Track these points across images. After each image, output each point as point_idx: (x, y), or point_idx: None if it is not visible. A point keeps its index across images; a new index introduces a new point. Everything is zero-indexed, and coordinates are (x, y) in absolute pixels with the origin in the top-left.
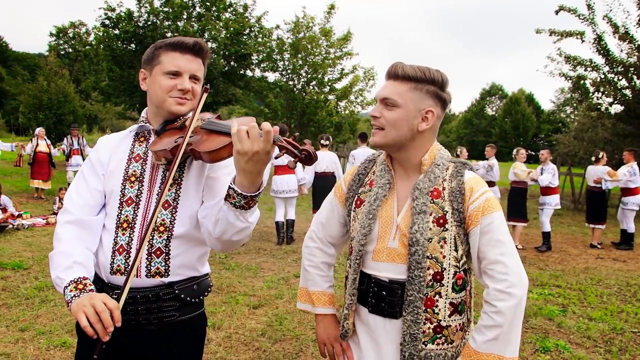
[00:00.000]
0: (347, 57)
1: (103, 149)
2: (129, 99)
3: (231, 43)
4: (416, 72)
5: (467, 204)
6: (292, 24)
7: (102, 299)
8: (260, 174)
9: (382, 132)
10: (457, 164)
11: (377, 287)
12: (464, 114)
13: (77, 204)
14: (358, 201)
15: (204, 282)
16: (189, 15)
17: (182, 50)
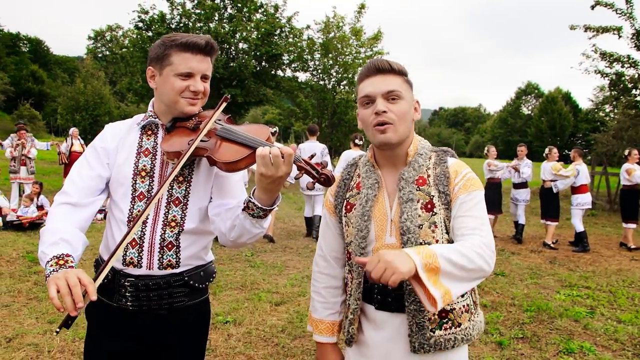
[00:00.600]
0: (377, 57)
1: (110, 138)
2: None
3: (262, 44)
4: (401, 66)
5: (453, 185)
6: (322, 24)
7: (77, 273)
8: (278, 190)
9: (392, 127)
10: (439, 152)
11: (382, 283)
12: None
13: (77, 187)
14: (348, 206)
15: (209, 268)
16: (220, 17)
17: (194, 51)
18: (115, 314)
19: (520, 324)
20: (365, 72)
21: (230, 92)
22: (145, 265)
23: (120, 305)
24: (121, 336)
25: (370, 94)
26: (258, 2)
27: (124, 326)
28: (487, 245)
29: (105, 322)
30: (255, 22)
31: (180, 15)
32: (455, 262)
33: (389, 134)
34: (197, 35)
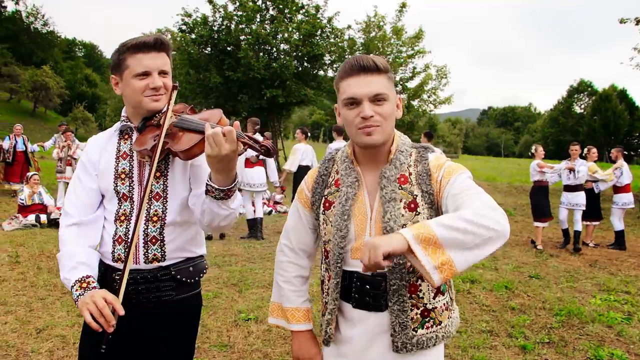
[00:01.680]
0: (418, 56)
1: (92, 149)
2: (204, 100)
3: (303, 44)
4: (385, 62)
5: (435, 182)
6: (363, 24)
7: (102, 295)
8: (232, 169)
9: (379, 129)
10: (419, 149)
11: (359, 282)
12: (550, 112)
13: (75, 206)
14: (326, 203)
15: (200, 264)
16: (262, 18)
17: (145, 50)
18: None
19: (547, 328)
20: (348, 69)
21: (272, 93)
22: (132, 261)
23: None
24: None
25: (356, 96)
26: (299, 3)
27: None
28: (490, 207)
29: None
30: (296, 22)
31: (222, 17)
32: (453, 226)
33: (375, 136)
34: (146, 35)
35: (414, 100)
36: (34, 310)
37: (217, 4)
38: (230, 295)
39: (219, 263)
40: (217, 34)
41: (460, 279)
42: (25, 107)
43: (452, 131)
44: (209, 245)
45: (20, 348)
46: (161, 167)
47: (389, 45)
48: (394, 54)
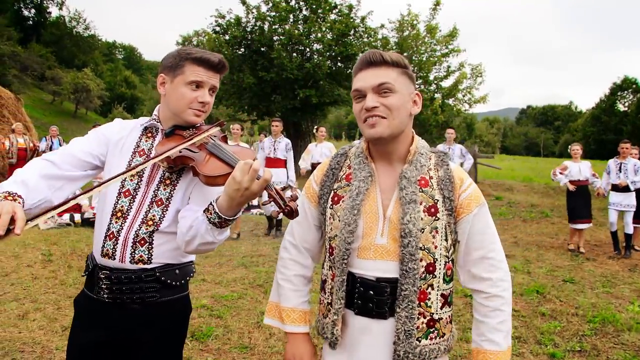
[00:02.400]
0: (453, 54)
1: (116, 130)
2: (238, 101)
3: (336, 44)
4: (399, 58)
5: (458, 192)
6: (396, 23)
7: (14, 206)
8: (240, 205)
9: (385, 122)
10: (438, 154)
11: (363, 287)
12: (592, 110)
13: (65, 152)
14: (335, 197)
15: (187, 268)
16: (295, 18)
17: (206, 67)
18: (94, 305)
19: (579, 335)
20: (358, 65)
21: (305, 93)
22: (118, 258)
23: (98, 297)
24: (97, 328)
25: (361, 88)
26: (332, 2)
27: (101, 318)
28: (503, 279)
29: (85, 313)
30: (329, 22)
31: (255, 18)
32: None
33: (378, 128)
34: (211, 52)
35: (448, 99)
36: (61, 308)
37: (250, 5)
38: (255, 297)
39: (246, 264)
40: (251, 34)
41: None
42: (67, 108)
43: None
44: (237, 245)
45: (46, 345)
46: (172, 176)
47: (423, 44)
48: (428, 52)
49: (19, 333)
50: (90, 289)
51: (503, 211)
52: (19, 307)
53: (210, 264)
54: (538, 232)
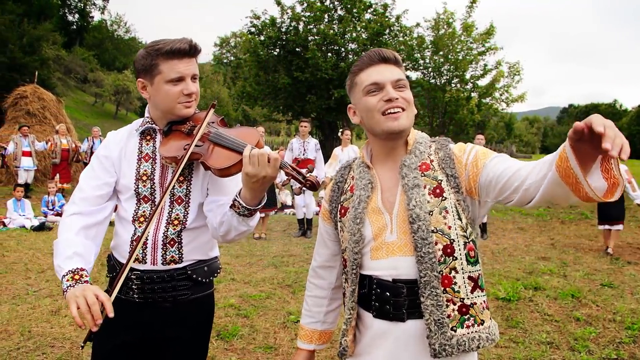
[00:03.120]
0: (490, 53)
1: (113, 146)
2: (273, 101)
3: (371, 43)
4: (400, 57)
5: (463, 164)
6: (432, 21)
7: (94, 291)
8: (263, 191)
9: (405, 113)
10: (439, 140)
11: (379, 289)
12: (637, 109)
13: (84, 196)
14: (342, 210)
15: (214, 264)
16: (330, 18)
17: (179, 56)
18: (123, 306)
19: (616, 342)
20: (367, 61)
21: (340, 93)
22: (149, 261)
23: (127, 297)
24: (127, 328)
25: (379, 81)
26: (367, 1)
27: (130, 318)
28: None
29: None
30: (364, 22)
31: (290, 19)
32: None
33: (401, 120)
34: (178, 40)
35: (485, 98)
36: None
37: (285, 6)
38: (283, 297)
39: (277, 263)
40: (285, 35)
41: (522, 285)
42: (108, 110)
43: (529, 130)
44: (268, 245)
45: (75, 341)
46: (185, 172)
47: (459, 42)
48: (464, 51)
49: (50, 328)
50: (119, 290)
51: (541, 212)
52: (52, 303)
53: (240, 264)
54: (577, 234)
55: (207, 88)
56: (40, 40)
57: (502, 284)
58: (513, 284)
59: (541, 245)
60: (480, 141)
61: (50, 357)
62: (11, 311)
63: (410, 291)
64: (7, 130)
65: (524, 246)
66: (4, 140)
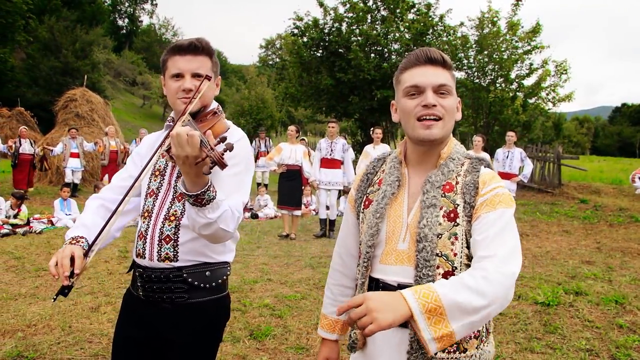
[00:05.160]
0: (536, 51)
1: (144, 145)
2: (316, 102)
3: (414, 43)
4: (450, 60)
5: (479, 196)
6: (476, 20)
7: (72, 249)
8: (198, 175)
9: (440, 123)
10: (472, 160)
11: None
12: None
13: (110, 186)
14: (367, 201)
15: (220, 270)
16: (372, 19)
17: (181, 53)
18: (134, 301)
19: None
20: (413, 60)
21: (383, 93)
22: (147, 257)
23: (137, 294)
24: (136, 324)
25: (420, 84)
26: (410, 1)
27: (138, 314)
28: (503, 274)
29: (127, 309)
30: (407, 22)
31: (332, 20)
32: (461, 304)
33: (434, 130)
34: (189, 38)
35: (530, 98)
36: None
37: (327, 7)
38: (318, 298)
39: (314, 265)
40: (328, 36)
41: (563, 289)
42: (156, 112)
43: (579, 130)
44: (307, 246)
45: (112, 337)
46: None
47: (504, 41)
48: (509, 50)
49: (90, 324)
50: (132, 285)
51: (588, 215)
52: (92, 300)
53: (278, 264)
54: (625, 237)
55: (252, 90)
56: (92, 45)
57: (542, 288)
58: (553, 289)
59: (586, 249)
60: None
61: (87, 352)
62: (53, 307)
63: None
64: (57, 132)
65: (568, 249)
66: (55, 142)
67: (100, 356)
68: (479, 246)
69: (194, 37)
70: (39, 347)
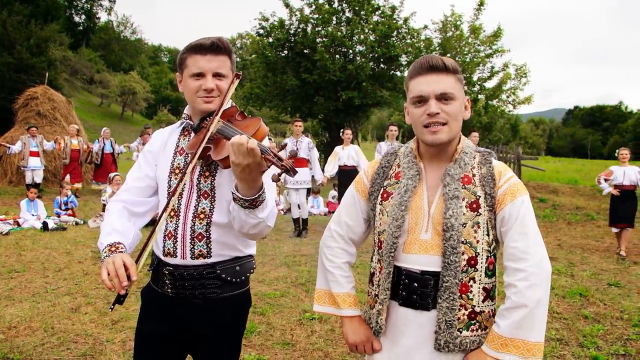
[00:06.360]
0: (497, 55)
1: (156, 141)
2: (281, 102)
3: (379, 45)
4: (455, 64)
5: (497, 187)
6: (440, 24)
7: (122, 257)
8: (255, 180)
9: (445, 128)
10: (483, 153)
11: (408, 279)
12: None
13: (127, 187)
14: (385, 194)
15: (247, 264)
16: (338, 20)
17: (202, 52)
18: (159, 298)
19: (624, 339)
20: (418, 69)
21: (348, 94)
22: (179, 255)
23: (163, 291)
24: (161, 320)
25: (423, 93)
26: (375, 4)
27: (164, 311)
28: (521, 269)
29: (151, 305)
30: (372, 24)
31: (298, 21)
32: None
33: (440, 135)
34: (207, 37)
35: (492, 100)
36: (110, 303)
37: (293, 8)
38: (297, 295)
39: (289, 263)
40: (294, 37)
41: None
42: (115, 111)
43: (535, 132)
44: (280, 245)
45: (97, 337)
46: (211, 167)
47: (466, 44)
48: (471, 53)
49: (72, 325)
50: (155, 283)
51: (547, 213)
52: (71, 300)
53: None
54: (583, 235)
55: None
56: (48, 42)
57: None
58: None
59: (548, 246)
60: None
61: (75, 352)
62: (32, 308)
63: (437, 283)
64: (17, 131)
65: None
66: (14, 141)
67: (89, 356)
68: (510, 242)
69: (214, 37)
70: (24, 349)
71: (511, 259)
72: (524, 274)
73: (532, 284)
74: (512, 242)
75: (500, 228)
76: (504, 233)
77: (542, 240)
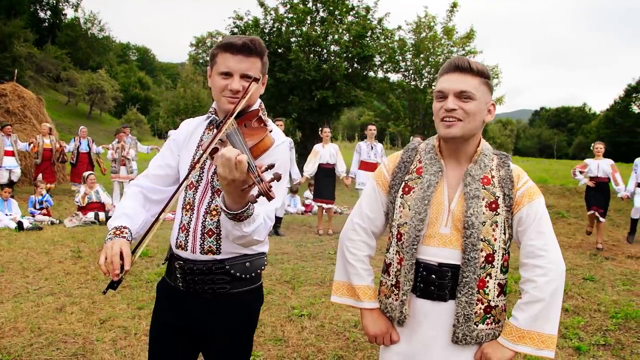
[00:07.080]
0: (470, 56)
1: (183, 131)
2: None
3: (353, 45)
4: (483, 68)
5: (515, 189)
6: (413, 24)
7: (121, 244)
8: (241, 196)
9: (460, 124)
10: (500, 155)
11: (425, 271)
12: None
13: (147, 174)
14: (406, 188)
15: (258, 260)
16: (312, 20)
17: (233, 52)
18: (172, 291)
19: (603, 330)
20: (445, 67)
21: (322, 94)
22: (190, 249)
23: (175, 284)
24: (173, 312)
25: (444, 90)
26: (350, 4)
27: (176, 304)
28: (539, 266)
29: (165, 298)
30: (346, 24)
31: (273, 20)
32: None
33: (452, 129)
34: (240, 36)
35: None
36: (96, 302)
37: (268, 7)
38: (284, 292)
39: (272, 261)
40: (268, 36)
41: (512, 279)
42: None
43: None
44: None
45: (86, 337)
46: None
47: (440, 45)
48: (445, 54)
49: (59, 325)
50: (169, 276)
51: None
52: (55, 300)
53: None
54: (555, 232)
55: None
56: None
57: None
58: None
59: None
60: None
61: (65, 352)
62: (15, 309)
63: (453, 275)
64: None
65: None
66: None
67: (80, 355)
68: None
69: (247, 37)
70: (12, 350)
71: (529, 256)
72: (543, 270)
73: (550, 279)
74: (530, 241)
75: (517, 228)
76: (521, 232)
77: (556, 239)
